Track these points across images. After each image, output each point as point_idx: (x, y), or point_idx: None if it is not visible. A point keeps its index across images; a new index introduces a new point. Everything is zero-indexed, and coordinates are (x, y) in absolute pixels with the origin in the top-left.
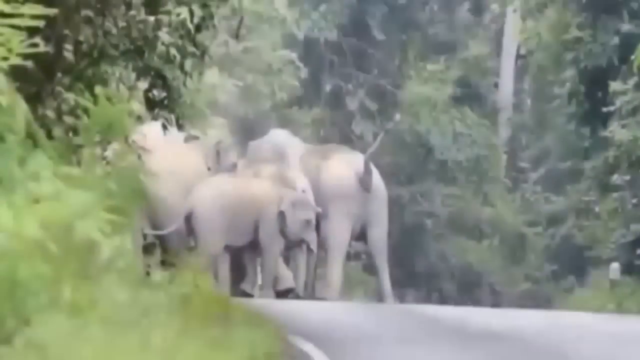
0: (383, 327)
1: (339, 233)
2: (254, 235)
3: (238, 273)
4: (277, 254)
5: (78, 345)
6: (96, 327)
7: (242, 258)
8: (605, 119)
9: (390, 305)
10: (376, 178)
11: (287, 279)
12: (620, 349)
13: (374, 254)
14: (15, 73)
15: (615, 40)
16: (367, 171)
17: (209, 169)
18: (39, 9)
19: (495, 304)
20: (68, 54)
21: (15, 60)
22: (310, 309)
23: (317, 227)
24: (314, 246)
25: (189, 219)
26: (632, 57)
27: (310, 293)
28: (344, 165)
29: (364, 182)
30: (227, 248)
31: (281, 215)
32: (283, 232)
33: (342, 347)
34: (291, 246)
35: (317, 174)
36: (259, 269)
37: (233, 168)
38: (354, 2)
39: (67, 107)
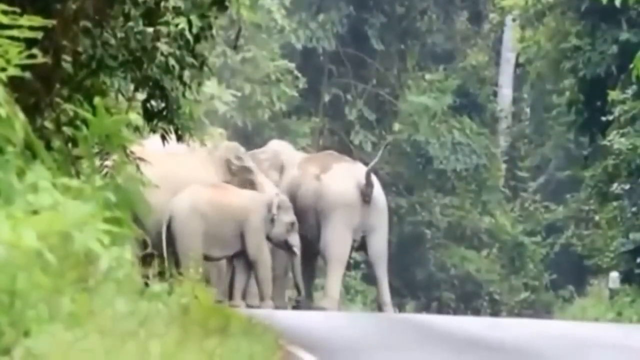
0: (380, 336)
1: (340, 243)
2: (240, 246)
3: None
4: (268, 263)
5: (77, 356)
6: (95, 338)
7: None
8: (604, 128)
9: (389, 315)
10: (376, 188)
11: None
12: (620, 359)
13: (373, 264)
14: (14, 84)
15: (614, 49)
16: (369, 183)
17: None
18: (37, 20)
19: (495, 314)
20: (66, 65)
21: (14, 72)
22: (310, 319)
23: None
24: (297, 249)
25: (169, 226)
26: (631, 65)
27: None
28: (345, 176)
29: (365, 195)
30: (208, 258)
31: (272, 220)
32: (268, 236)
33: (339, 356)
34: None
35: (319, 184)
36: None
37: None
38: (352, 12)
39: (65, 118)
